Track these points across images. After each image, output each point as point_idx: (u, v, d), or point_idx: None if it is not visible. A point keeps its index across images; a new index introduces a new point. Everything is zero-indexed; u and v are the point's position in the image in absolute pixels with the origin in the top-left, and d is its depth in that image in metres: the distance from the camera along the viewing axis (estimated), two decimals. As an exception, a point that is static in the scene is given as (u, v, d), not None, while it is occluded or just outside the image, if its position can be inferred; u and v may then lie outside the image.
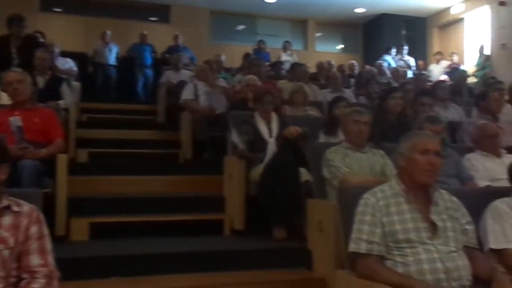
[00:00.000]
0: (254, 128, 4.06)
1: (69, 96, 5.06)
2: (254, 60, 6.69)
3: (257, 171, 3.82)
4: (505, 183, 2.70)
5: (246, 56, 9.04)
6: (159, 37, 10.89)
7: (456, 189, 3.02)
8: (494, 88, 5.23)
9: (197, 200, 4.26)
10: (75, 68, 7.53)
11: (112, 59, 9.66)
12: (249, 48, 11.13)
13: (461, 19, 12.25)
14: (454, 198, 2.29)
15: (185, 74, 7.61)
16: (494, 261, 2.34)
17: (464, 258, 2.11)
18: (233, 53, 11.06)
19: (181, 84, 6.35)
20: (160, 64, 9.26)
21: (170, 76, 7.66)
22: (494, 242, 2.35)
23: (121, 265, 3.06)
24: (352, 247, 2.16)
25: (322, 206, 3.13)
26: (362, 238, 2.13)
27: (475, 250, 2.22)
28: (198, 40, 11.65)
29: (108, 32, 9.68)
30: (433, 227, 2.12)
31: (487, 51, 10.83)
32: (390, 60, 11.01)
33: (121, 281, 2.96)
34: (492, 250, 2.36)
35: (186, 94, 5.67)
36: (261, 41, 11.10)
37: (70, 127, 4.91)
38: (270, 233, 3.69)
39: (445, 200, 2.25)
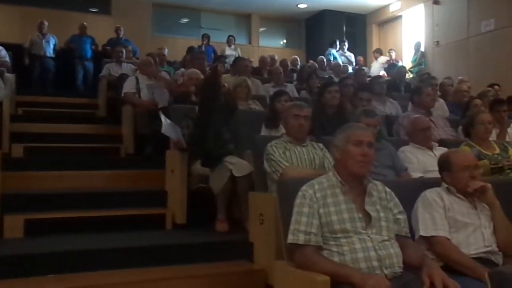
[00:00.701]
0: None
1: (2, 88, 4.82)
2: (197, 54, 6.64)
3: (199, 165, 3.81)
4: (436, 174, 2.84)
5: (190, 49, 8.96)
6: (100, 29, 10.58)
7: (391, 180, 3.19)
8: (427, 84, 5.48)
9: (138, 195, 4.20)
10: (7, 59, 7.17)
11: (49, 50, 9.28)
12: (193, 41, 11.04)
13: (399, 17, 12.71)
14: (388, 189, 2.38)
15: (127, 67, 7.44)
16: (424, 248, 2.48)
17: (396, 246, 2.21)
18: (177, 47, 10.94)
19: (123, 77, 6.21)
20: (101, 56, 9.00)
21: (111, 69, 7.47)
22: (424, 230, 2.48)
23: (58, 263, 2.98)
24: (290, 238, 2.20)
25: (263, 199, 3.18)
26: (300, 229, 2.18)
27: (407, 238, 2.32)
28: (141, 33, 11.41)
29: (46, 23, 9.29)
30: (367, 217, 2.21)
31: (423, 48, 11.33)
32: (335, 53, 11.26)
33: (58, 278, 2.89)
34: (422, 237, 2.49)
35: (128, 87, 5.55)
36: (205, 35, 11.03)
37: (3, 120, 4.69)
38: (212, 226, 3.70)
39: (379, 191, 2.34)
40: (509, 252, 2.46)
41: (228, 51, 10.65)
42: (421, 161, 3.64)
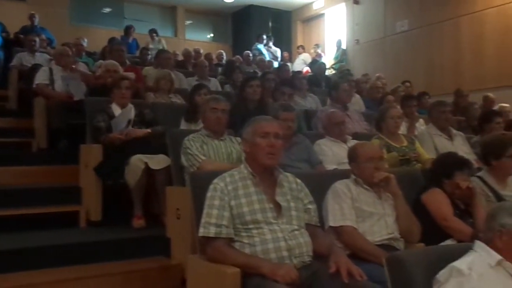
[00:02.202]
0: (110, 116, 3.94)
1: None
2: (116, 45, 6.42)
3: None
4: (348, 166, 2.95)
5: (111, 40, 8.66)
6: (12, 15, 9.93)
7: (305, 172, 3.28)
8: (344, 80, 5.68)
9: (51, 192, 4.01)
10: None
11: (-46, 37, 8.59)
12: (115, 32, 10.68)
13: (322, 15, 13.08)
14: (298, 180, 2.44)
15: (40, 57, 7.05)
16: (333, 238, 2.57)
17: (306, 236, 2.27)
18: (98, 37, 10.53)
19: (35, 68, 5.87)
20: (12, 45, 8.46)
21: (23, 59, 7.04)
22: (333, 220, 2.58)
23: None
24: (201, 231, 2.20)
25: (180, 193, 3.15)
26: (211, 222, 2.18)
27: (317, 227, 2.40)
28: (58, 21, 10.84)
29: (-51, 7, 8.59)
30: (278, 208, 2.25)
31: (344, 46, 11.74)
32: (262, 48, 11.37)
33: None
34: (331, 227, 2.58)
35: (40, 78, 5.26)
36: (128, 26, 10.71)
37: None
38: (129, 223, 3.62)
39: (289, 182, 2.40)
40: (410, 238, 2.62)
41: (152, 44, 10.41)
42: (336, 154, 3.77)
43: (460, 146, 4.36)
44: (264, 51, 11.19)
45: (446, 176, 2.86)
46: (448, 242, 2.64)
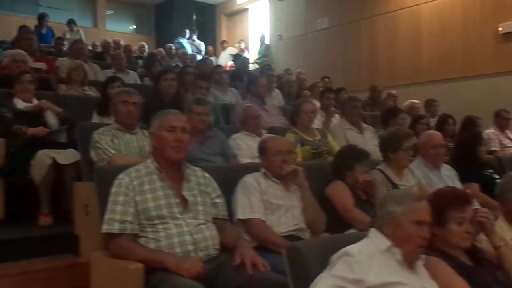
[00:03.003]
0: (13, 109, 3.73)
1: None
2: (24, 33, 6.07)
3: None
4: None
5: (21, 28, 8.17)
6: None
7: (218, 166, 3.31)
8: (263, 75, 5.77)
9: None
10: None
11: None
12: (29, 20, 10.09)
13: (246, 9, 13.16)
14: (207, 174, 2.45)
15: None
16: (242, 230, 2.61)
17: (213, 229, 2.29)
18: (10, 25, 9.89)
19: None
20: None
21: None
22: (242, 213, 2.62)
23: None
24: (105, 228, 2.15)
25: (88, 189, 3.04)
26: (115, 218, 2.14)
27: (224, 221, 2.42)
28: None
29: None
30: (184, 203, 2.25)
31: (267, 41, 11.90)
32: (184, 43, 11.24)
33: None
34: (240, 220, 2.62)
35: None
36: (42, 14, 10.14)
37: None
38: (35, 220, 3.46)
39: (197, 176, 2.40)
40: (315, 229, 2.72)
41: (69, 34, 9.96)
42: (250, 148, 3.82)
43: (370, 139, 4.58)
44: (186, 44, 11.07)
45: (347, 169, 2.99)
46: (351, 231, 2.77)
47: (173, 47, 10.09)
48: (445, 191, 2.26)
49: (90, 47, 9.26)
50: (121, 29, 13.46)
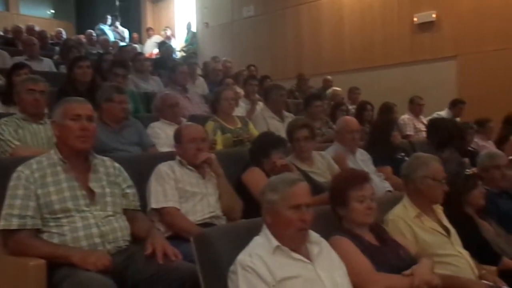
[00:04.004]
0: None
1: None
2: None
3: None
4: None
5: None
6: None
7: (134, 156, 3.21)
8: (185, 63, 5.68)
9: None
10: None
11: None
12: None
13: (172, -4, 12.89)
14: (116, 164, 2.36)
15: None
16: (156, 220, 2.56)
17: (122, 221, 2.21)
18: None
19: None
20: None
21: None
22: (155, 201, 2.56)
23: None
24: (1, 224, 2.02)
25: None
26: (14, 213, 2.01)
27: (136, 211, 2.35)
28: None
29: None
30: (91, 194, 2.16)
31: (194, 29, 11.73)
32: (106, 29, 10.81)
33: None
34: (154, 209, 2.56)
35: None
36: None
37: None
38: None
39: (106, 166, 2.31)
40: (232, 216, 2.71)
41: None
42: (169, 136, 3.68)
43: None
44: (108, 31, 10.67)
45: (264, 155, 3.01)
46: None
47: (94, 34, 9.67)
48: (344, 173, 2.34)
49: (1, 33, 8.69)
50: (37, 14, 12.72)
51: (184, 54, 10.76)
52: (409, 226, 2.39)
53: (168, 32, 11.79)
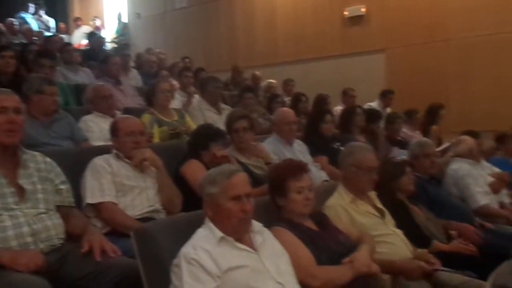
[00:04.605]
0: None
1: None
2: None
3: None
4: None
5: None
6: None
7: (65, 150, 3.07)
8: (117, 54, 5.50)
9: None
10: None
11: None
12: None
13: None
14: (48, 159, 2.25)
15: None
16: (92, 216, 2.47)
17: (56, 218, 2.11)
18: None
19: None
20: None
21: None
22: (91, 197, 2.47)
23: None
24: None
25: None
26: None
27: (71, 208, 2.26)
28: None
29: None
30: (21, 191, 2.04)
31: (125, 19, 11.37)
32: (28, 18, 10.20)
33: None
34: (90, 205, 2.46)
35: None
36: None
37: None
38: None
39: (37, 162, 2.19)
40: (171, 209, 2.67)
41: None
42: (103, 130, 3.59)
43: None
44: (31, 20, 10.09)
45: (203, 148, 2.98)
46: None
47: (16, 23, 9.10)
48: (282, 164, 2.37)
49: None
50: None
51: (115, 45, 10.41)
52: (346, 211, 2.48)
53: (97, 23, 11.36)
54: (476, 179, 3.82)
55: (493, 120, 6.18)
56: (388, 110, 6.29)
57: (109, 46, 10.14)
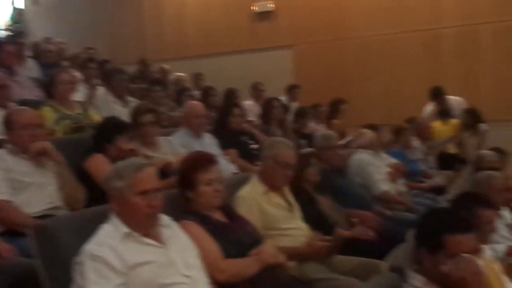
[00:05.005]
0: None
1: None
2: None
3: None
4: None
5: None
6: None
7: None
8: (10, 42, 5.14)
9: None
10: None
11: None
12: None
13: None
14: None
15: None
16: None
17: None
18: None
19: None
20: None
21: None
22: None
23: None
24: None
25: None
26: None
27: None
28: None
29: None
30: None
31: (21, 5, 10.59)
32: None
33: None
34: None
35: None
36: None
37: None
38: None
39: None
40: (74, 205, 2.53)
41: None
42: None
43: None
44: None
45: (108, 141, 2.86)
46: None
47: None
48: (191, 156, 2.36)
49: None
50: None
51: (10, 33, 9.68)
52: (258, 202, 2.52)
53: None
54: (377, 168, 4.09)
55: (390, 115, 6.60)
56: (295, 104, 6.47)
57: (2, 33, 9.42)
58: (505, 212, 3.01)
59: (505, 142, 4.90)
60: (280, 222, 2.52)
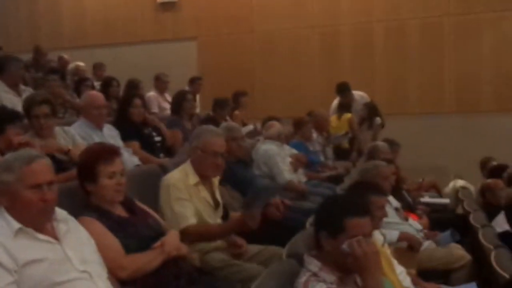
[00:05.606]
0: None
1: None
2: None
3: None
4: None
5: None
6: None
7: None
8: None
9: None
10: None
11: None
12: None
13: None
14: None
15: None
16: None
17: None
18: None
19: None
20: None
21: None
22: None
23: None
24: None
25: None
26: None
27: None
28: None
29: None
30: None
31: None
32: None
33: None
34: None
35: None
36: None
37: None
38: None
39: None
40: None
41: None
42: None
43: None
44: None
45: (-3, 132, 2.67)
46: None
47: None
48: (92, 147, 2.28)
49: None
50: None
51: None
52: (188, 192, 2.53)
53: None
54: (283, 159, 4.27)
55: (291, 107, 6.83)
56: (198, 96, 6.45)
57: None
58: (391, 198, 3.28)
59: (397, 134, 5.29)
60: (206, 217, 2.55)
